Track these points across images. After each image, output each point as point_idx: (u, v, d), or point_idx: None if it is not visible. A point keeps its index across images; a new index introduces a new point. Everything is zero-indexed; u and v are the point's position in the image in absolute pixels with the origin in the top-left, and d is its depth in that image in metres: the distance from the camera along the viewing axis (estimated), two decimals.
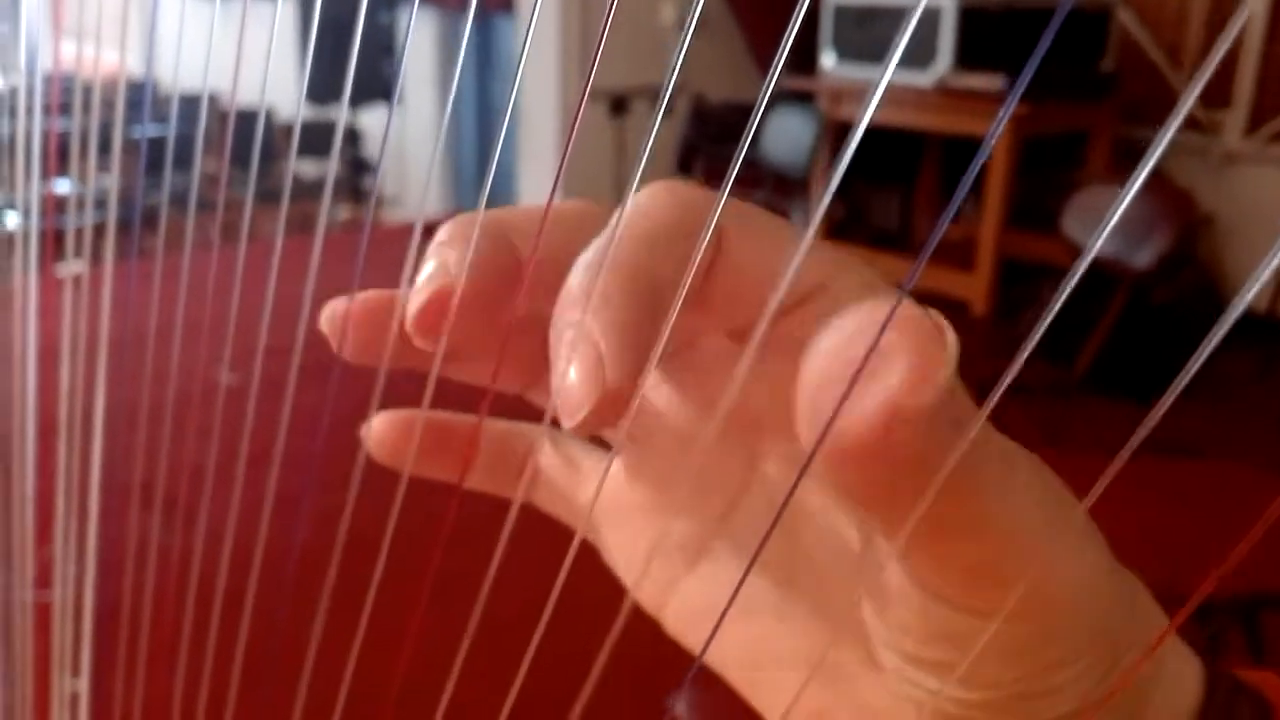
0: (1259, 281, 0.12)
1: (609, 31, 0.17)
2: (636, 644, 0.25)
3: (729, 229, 0.20)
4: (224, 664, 0.37)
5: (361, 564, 0.28)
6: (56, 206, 0.48)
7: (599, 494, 0.25)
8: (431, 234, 0.21)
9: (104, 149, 0.43)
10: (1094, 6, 3.64)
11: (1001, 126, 0.12)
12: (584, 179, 3.71)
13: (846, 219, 4.21)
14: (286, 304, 0.30)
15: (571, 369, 0.18)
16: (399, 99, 4.64)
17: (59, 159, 0.44)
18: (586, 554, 0.21)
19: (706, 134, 4.21)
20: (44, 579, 0.47)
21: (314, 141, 3.92)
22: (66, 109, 0.42)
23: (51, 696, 0.48)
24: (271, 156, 3.82)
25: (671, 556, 0.25)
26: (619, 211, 0.19)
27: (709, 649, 0.25)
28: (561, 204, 0.21)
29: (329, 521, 0.28)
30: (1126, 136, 3.72)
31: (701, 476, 0.25)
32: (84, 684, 0.48)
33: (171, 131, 0.40)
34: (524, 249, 0.21)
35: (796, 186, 3.84)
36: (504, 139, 0.21)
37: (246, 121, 0.37)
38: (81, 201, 0.45)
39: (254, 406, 0.32)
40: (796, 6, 0.14)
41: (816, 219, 0.15)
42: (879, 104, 0.14)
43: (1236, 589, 1.27)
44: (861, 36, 3.78)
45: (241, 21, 0.30)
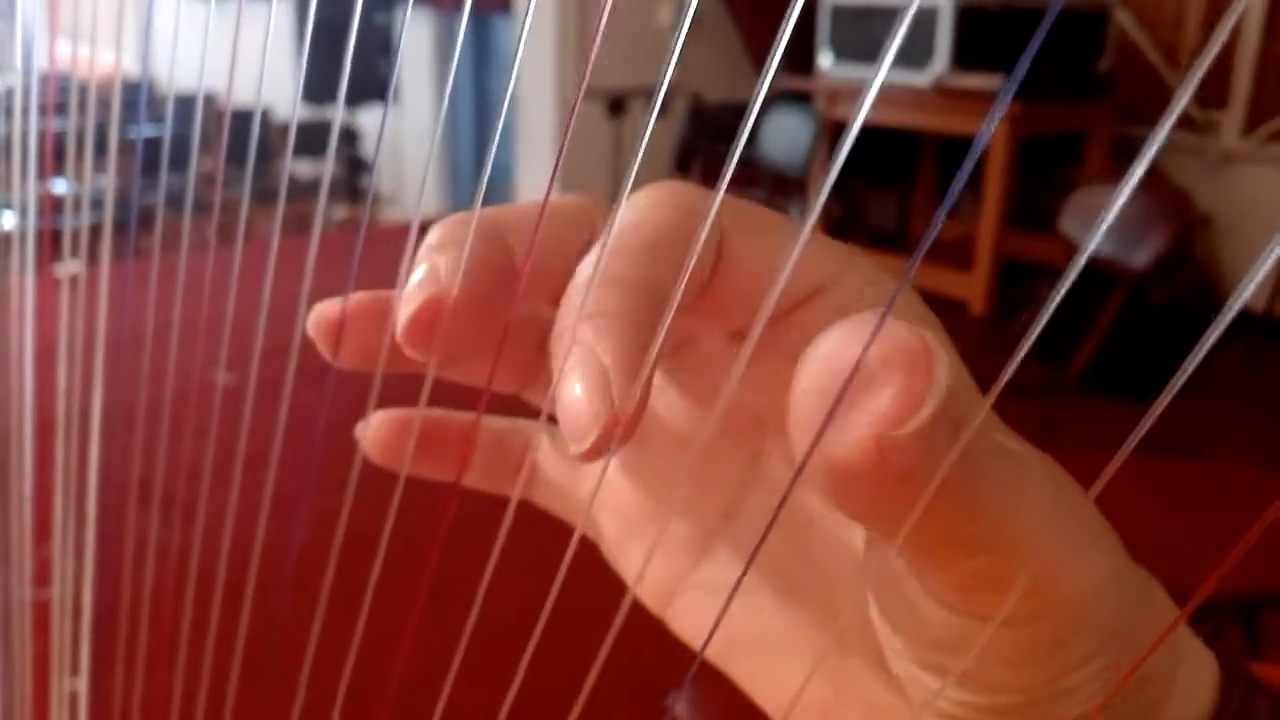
0: (1254, 280, 0.12)
1: (607, 32, 0.17)
2: (637, 642, 0.25)
3: (730, 231, 0.19)
4: (223, 663, 0.37)
5: (359, 564, 0.28)
6: (53, 207, 0.48)
7: (597, 491, 0.25)
8: (426, 234, 0.21)
9: (100, 149, 0.43)
10: (1091, 7, 3.64)
11: (995, 122, 0.12)
12: (581, 179, 3.71)
13: (844, 219, 4.21)
14: (283, 304, 0.30)
15: (576, 388, 0.17)
16: (397, 99, 4.64)
17: (55, 159, 0.44)
18: (585, 552, 0.21)
19: (704, 134, 4.20)
20: (42, 578, 0.47)
21: (311, 141, 3.92)
22: (63, 109, 0.42)
23: (50, 695, 0.48)
24: (268, 156, 3.81)
25: (674, 555, 0.25)
26: (615, 213, 0.19)
27: (713, 648, 0.25)
28: (557, 199, 0.21)
29: (327, 521, 0.28)
30: (1124, 136, 3.72)
31: (704, 475, 0.25)
32: (83, 683, 0.48)
33: (168, 131, 0.40)
34: (518, 247, 0.20)
35: (794, 186, 3.84)
36: (502, 138, 0.21)
37: (242, 121, 0.37)
38: (78, 202, 0.45)
39: (251, 407, 0.32)
40: (790, 6, 0.14)
41: (813, 218, 0.15)
42: (876, 103, 0.14)
43: (1236, 589, 1.27)
44: (859, 36, 3.78)
45: (237, 21, 0.30)
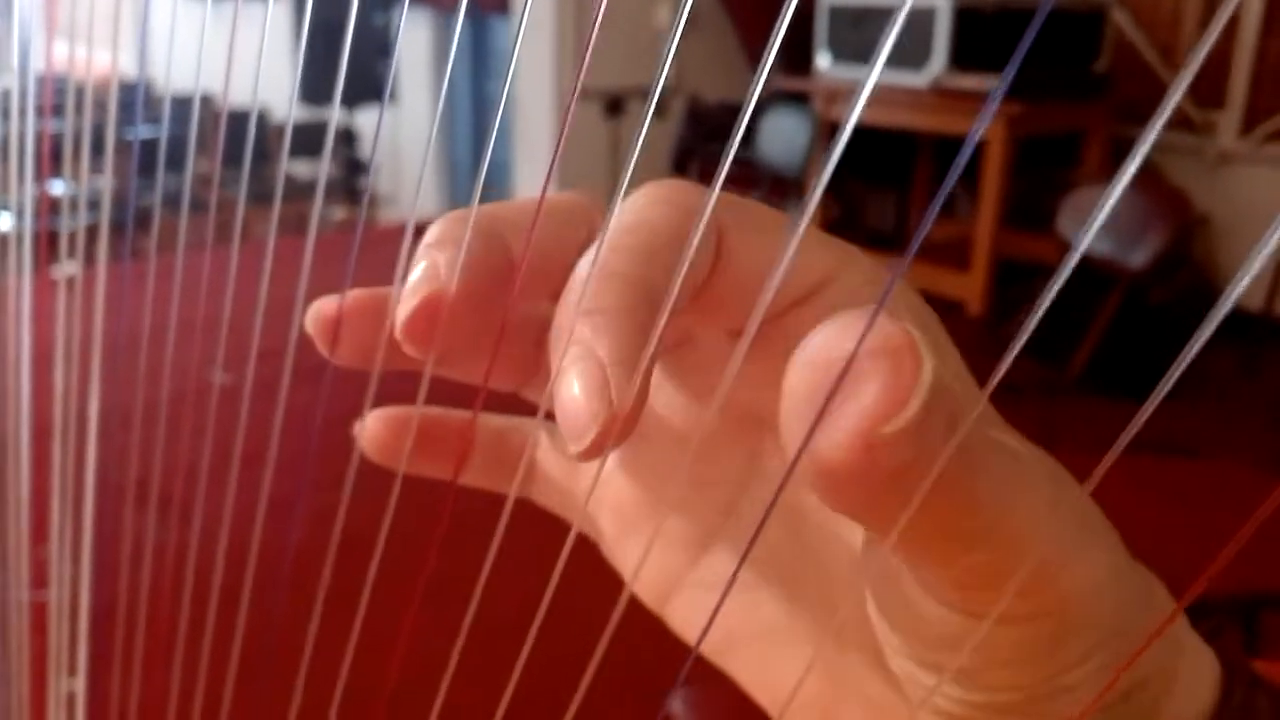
0: (1248, 276, 0.12)
1: (604, 33, 0.17)
2: (634, 639, 0.25)
3: (729, 229, 0.19)
4: (220, 663, 0.37)
5: (356, 562, 0.28)
6: (50, 208, 0.48)
7: (593, 489, 0.25)
8: (424, 234, 0.21)
9: (97, 150, 0.43)
10: (1088, 7, 3.64)
11: (987, 121, 0.12)
12: (579, 180, 3.71)
13: (842, 219, 4.21)
14: (280, 304, 0.30)
15: (575, 387, 0.17)
16: (394, 99, 4.64)
17: (52, 160, 0.44)
18: (583, 551, 0.21)
19: (701, 134, 4.21)
20: (40, 579, 0.47)
21: (308, 142, 3.91)
22: (60, 110, 0.42)
23: (48, 696, 0.48)
24: (265, 157, 3.81)
25: (673, 552, 0.25)
26: (612, 213, 0.19)
27: (711, 644, 0.25)
28: (555, 196, 0.21)
29: (324, 520, 0.28)
30: (1121, 136, 3.73)
31: (703, 473, 0.25)
32: (80, 684, 0.48)
33: (165, 132, 0.40)
34: (517, 244, 0.20)
35: (792, 186, 3.85)
36: (499, 139, 0.21)
37: (240, 122, 0.37)
38: (75, 203, 0.45)
39: (248, 406, 0.32)
40: (783, 7, 0.14)
41: (807, 216, 0.15)
42: (872, 103, 0.14)
43: (1236, 589, 1.27)
44: (856, 37, 3.79)
45: (234, 22, 0.30)
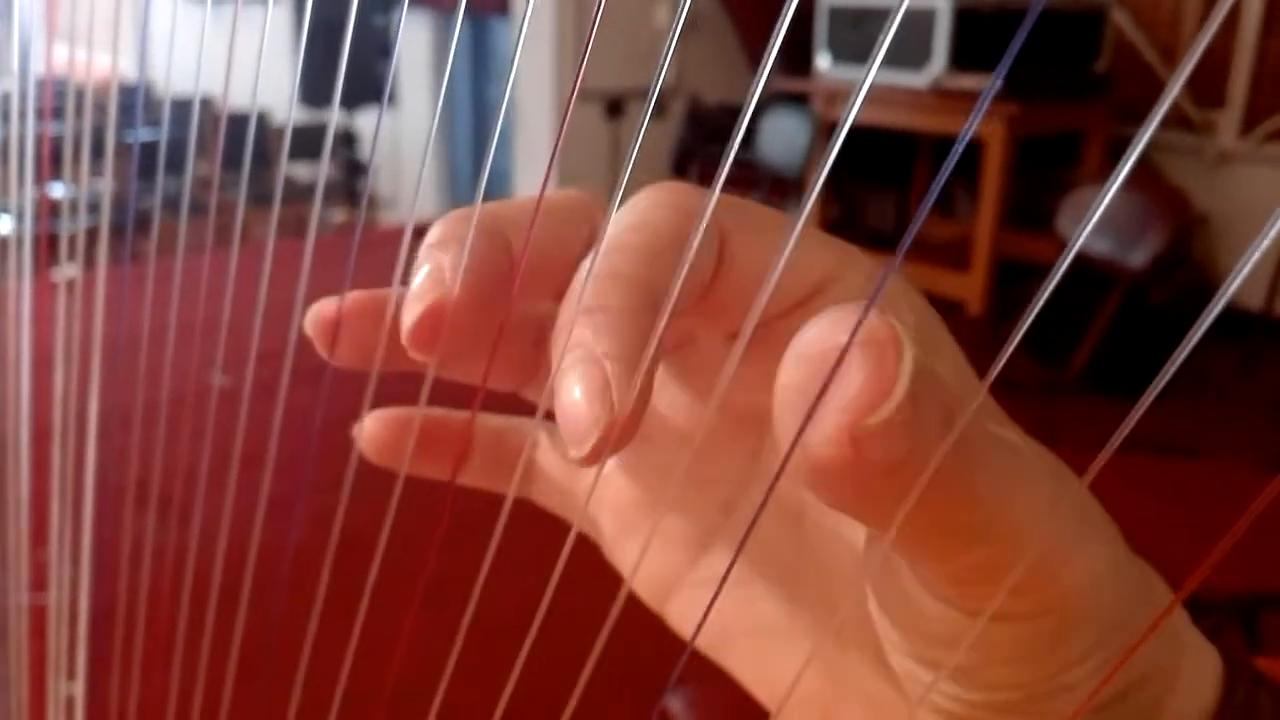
0: (1241, 274, 0.12)
1: (603, 34, 0.17)
2: (634, 640, 0.25)
3: (732, 232, 0.19)
4: (219, 665, 0.37)
5: (355, 563, 0.28)
6: (50, 211, 0.48)
7: (593, 490, 0.25)
8: (423, 235, 0.21)
9: (97, 153, 0.43)
10: (1088, 7, 3.64)
11: (979, 118, 0.12)
12: (579, 181, 3.69)
13: (841, 220, 4.21)
14: (280, 306, 0.30)
15: (575, 391, 0.17)
16: (394, 101, 4.64)
17: (52, 163, 0.44)
18: (583, 551, 0.21)
19: (702, 135, 4.20)
20: (39, 582, 0.47)
21: (308, 144, 3.91)
22: (60, 113, 0.42)
23: (47, 700, 0.48)
24: (265, 159, 3.81)
25: (673, 551, 0.25)
26: (612, 215, 0.19)
27: (709, 640, 0.25)
28: (556, 194, 0.21)
29: (323, 522, 0.28)
30: (1121, 136, 3.73)
31: (704, 472, 0.25)
32: (79, 687, 0.48)
33: (164, 135, 0.41)
34: (519, 244, 0.20)
35: (792, 187, 3.84)
36: (500, 140, 0.21)
37: (239, 124, 0.37)
38: (75, 206, 0.45)
39: (247, 408, 0.32)
40: (784, 8, 0.14)
41: (804, 217, 0.15)
42: (871, 104, 0.14)
43: (1236, 589, 1.27)
44: (856, 38, 3.79)
45: (234, 24, 0.30)
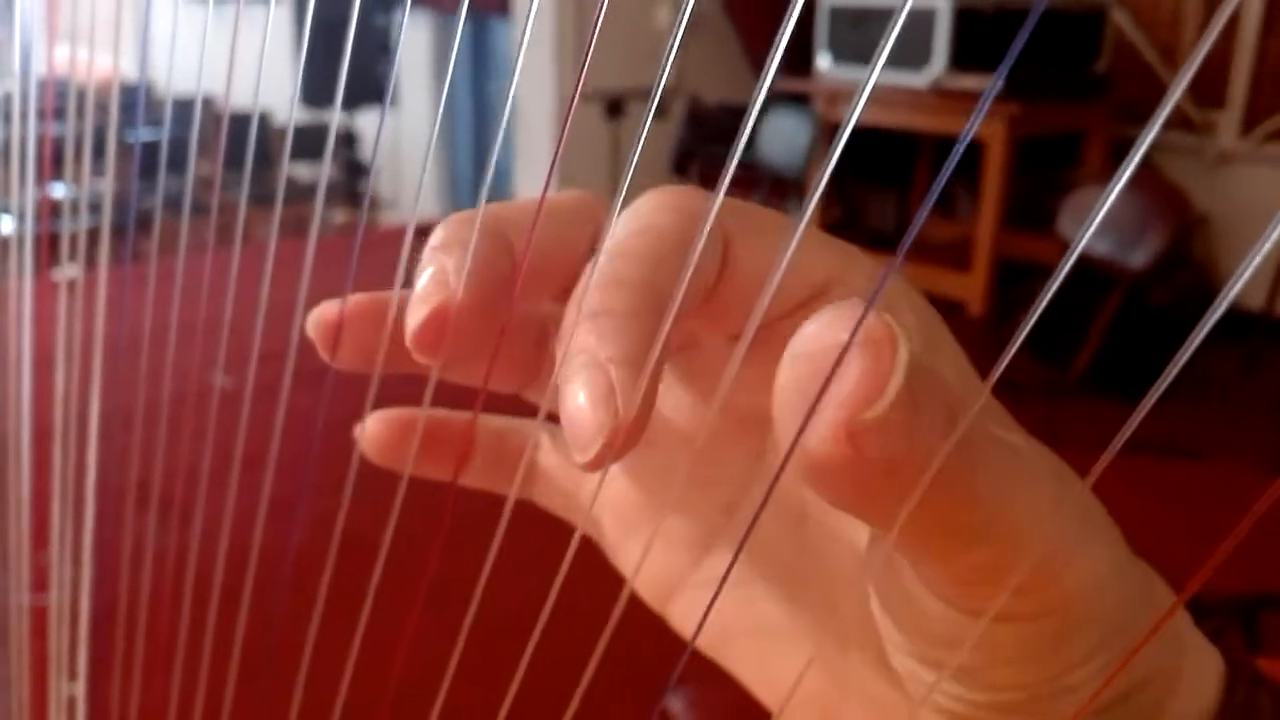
0: (1242, 278, 0.12)
1: (604, 34, 0.17)
2: (636, 640, 0.25)
3: (735, 236, 0.19)
4: (220, 667, 0.37)
5: (357, 565, 0.28)
6: (51, 211, 0.48)
7: (598, 493, 0.25)
8: (425, 236, 0.21)
9: (98, 153, 0.43)
10: (1088, 7, 3.64)
11: (980, 118, 0.12)
12: (580, 181, 3.69)
13: (842, 220, 4.21)
14: (281, 307, 0.30)
15: (580, 396, 0.17)
16: (395, 101, 4.64)
17: (54, 163, 0.44)
18: (585, 551, 0.21)
19: (702, 136, 4.20)
20: (40, 583, 0.47)
21: (309, 144, 3.91)
22: (61, 113, 0.42)
23: (48, 701, 0.48)
24: (266, 160, 3.81)
25: (676, 552, 0.25)
26: (615, 218, 0.19)
27: (711, 640, 0.25)
28: (558, 195, 0.21)
29: (324, 523, 0.28)
30: (1122, 137, 3.73)
31: (707, 474, 0.25)
32: (81, 688, 0.48)
33: (166, 135, 0.40)
34: (521, 245, 0.20)
35: (792, 188, 3.84)
36: (500, 140, 0.21)
37: (241, 124, 0.37)
38: (76, 206, 0.45)
39: (249, 409, 0.32)
40: (789, 8, 0.14)
41: (806, 218, 0.15)
42: (872, 104, 0.14)
43: (1237, 589, 1.27)
44: (857, 38, 3.78)
45: (235, 24, 0.30)
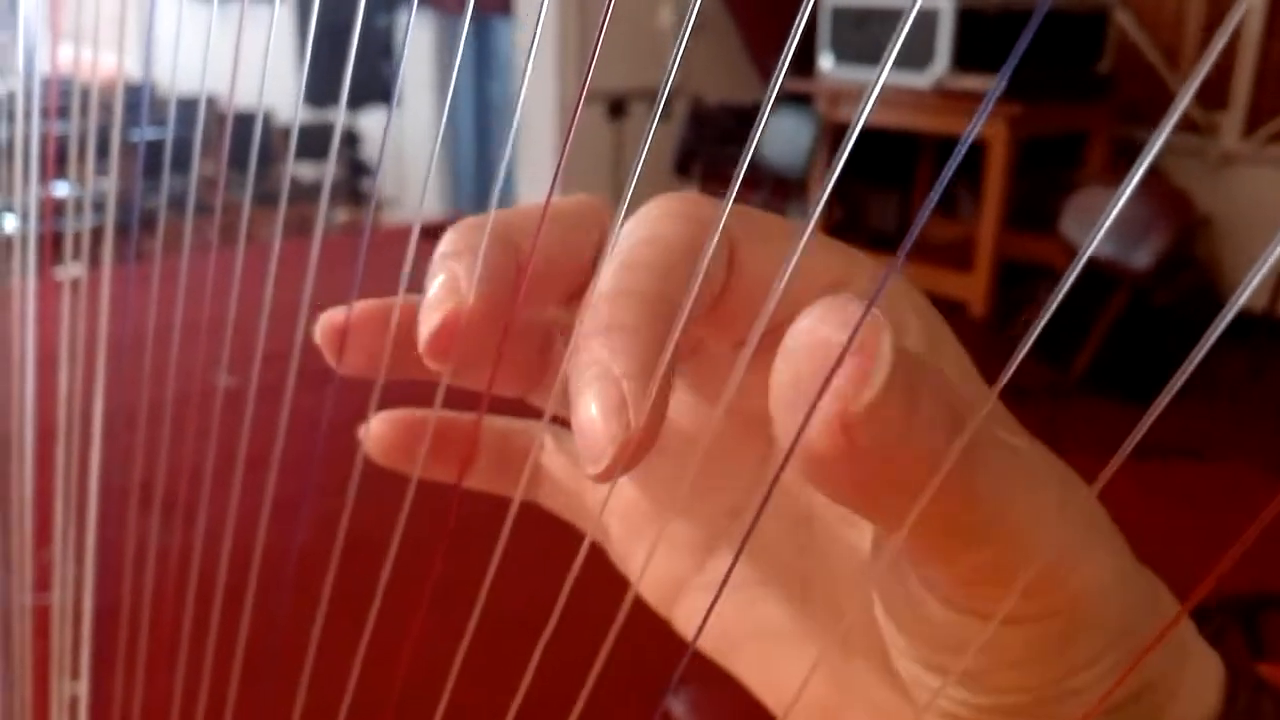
0: (1252, 284, 0.12)
1: (607, 34, 0.17)
2: (640, 642, 0.25)
3: (741, 242, 0.19)
4: (223, 666, 0.37)
5: (361, 567, 0.28)
6: (55, 210, 0.48)
7: (608, 499, 0.25)
8: (430, 236, 0.21)
9: (102, 152, 0.43)
10: (1091, 8, 3.64)
11: (983, 119, 0.12)
12: (582, 182, 3.70)
13: (844, 221, 4.21)
14: (285, 307, 0.30)
15: (592, 408, 0.17)
16: (398, 101, 4.64)
17: (57, 162, 0.44)
18: (589, 554, 0.21)
19: (704, 136, 4.20)
20: (43, 582, 0.47)
21: (313, 144, 3.91)
22: (65, 112, 0.42)
23: (51, 700, 0.48)
24: (270, 159, 3.81)
25: (680, 555, 0.25)
26: (622, 226, 0.19)
27: (714, 643, 0.25)
28: (564, 200, 0.21)
29: (328, 524, 0.28)
30: (1124, 137, 3.72)
31: (712, 477, 0.25)
32: (83, 687, 0.48)
33: (169, 134, 0.40)
34: (528, 251, 0.20)
35: (794, 188, 3.84)
36: (502, 141, 0.21)
37: (244, 124, 0.37)
38: (80, 205, 0.45)
39: (252, 409, 0.32)
40: (797, 9, 0.14)
41: (813, 221, 0.15)
42: (876, 105, 0.14)
43: (1237, 589, 1.27)
44: (860, 38, 3.78)
45: (239, 23, 0.30)
